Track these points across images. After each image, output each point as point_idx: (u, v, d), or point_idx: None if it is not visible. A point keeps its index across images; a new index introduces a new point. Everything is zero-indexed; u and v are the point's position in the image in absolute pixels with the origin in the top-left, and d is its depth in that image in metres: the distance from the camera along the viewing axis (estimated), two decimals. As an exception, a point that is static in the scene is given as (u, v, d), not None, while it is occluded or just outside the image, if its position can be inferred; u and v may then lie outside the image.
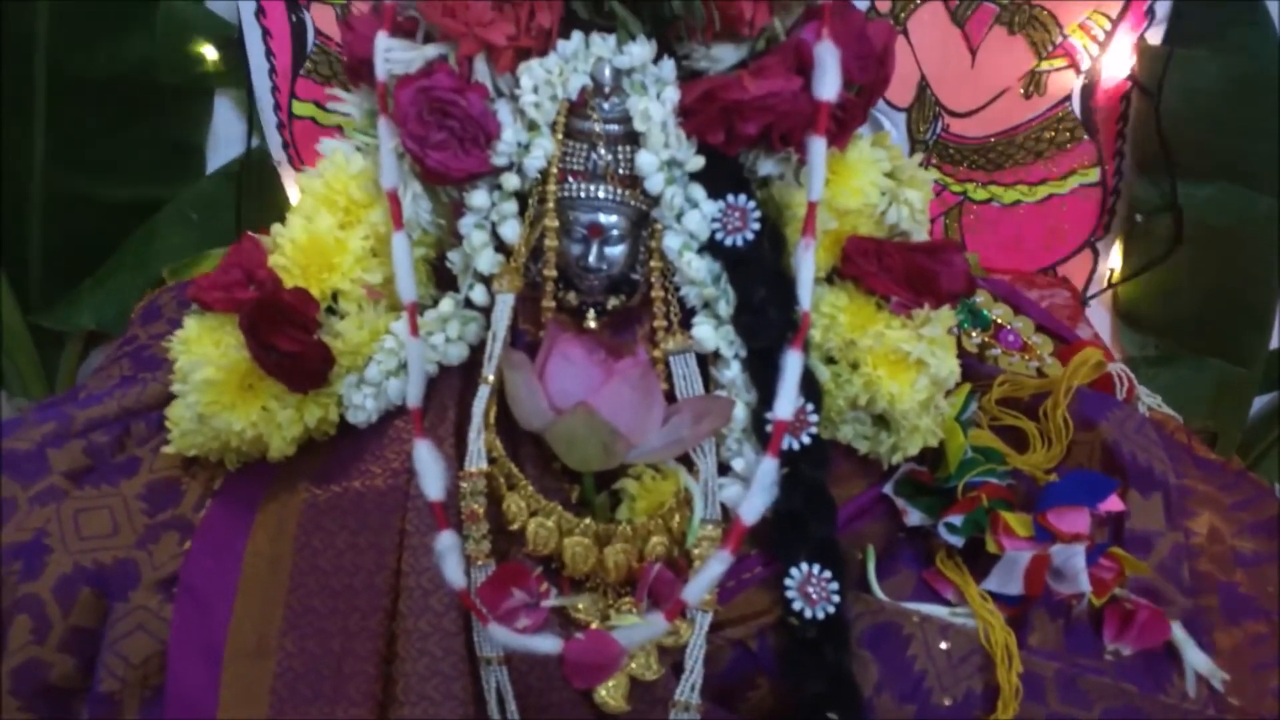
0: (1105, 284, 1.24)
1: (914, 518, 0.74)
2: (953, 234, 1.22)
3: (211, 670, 0.70)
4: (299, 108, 1.21)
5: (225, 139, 1.31)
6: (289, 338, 0.70)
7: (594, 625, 0.68)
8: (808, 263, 0.70)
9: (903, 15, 1.18)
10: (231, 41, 1.21)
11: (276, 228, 0.77)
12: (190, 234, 1.29)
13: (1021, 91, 1.22)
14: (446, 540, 0.65)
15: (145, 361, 0.95)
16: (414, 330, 0.71)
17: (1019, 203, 1.23)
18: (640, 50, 0.71)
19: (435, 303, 0.75)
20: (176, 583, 0.72)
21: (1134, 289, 1.24)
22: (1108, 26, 1.18)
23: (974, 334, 0.91)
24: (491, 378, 0.71)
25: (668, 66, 0.72)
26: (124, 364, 0.96)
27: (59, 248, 1.33)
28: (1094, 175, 1.23)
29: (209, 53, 1.22)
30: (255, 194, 1.28)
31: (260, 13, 1.17)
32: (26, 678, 0.72)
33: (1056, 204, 1.23)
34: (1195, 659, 0.67)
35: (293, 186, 1.25)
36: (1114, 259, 1.24)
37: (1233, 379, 1.23)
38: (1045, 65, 1.21)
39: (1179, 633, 0.68)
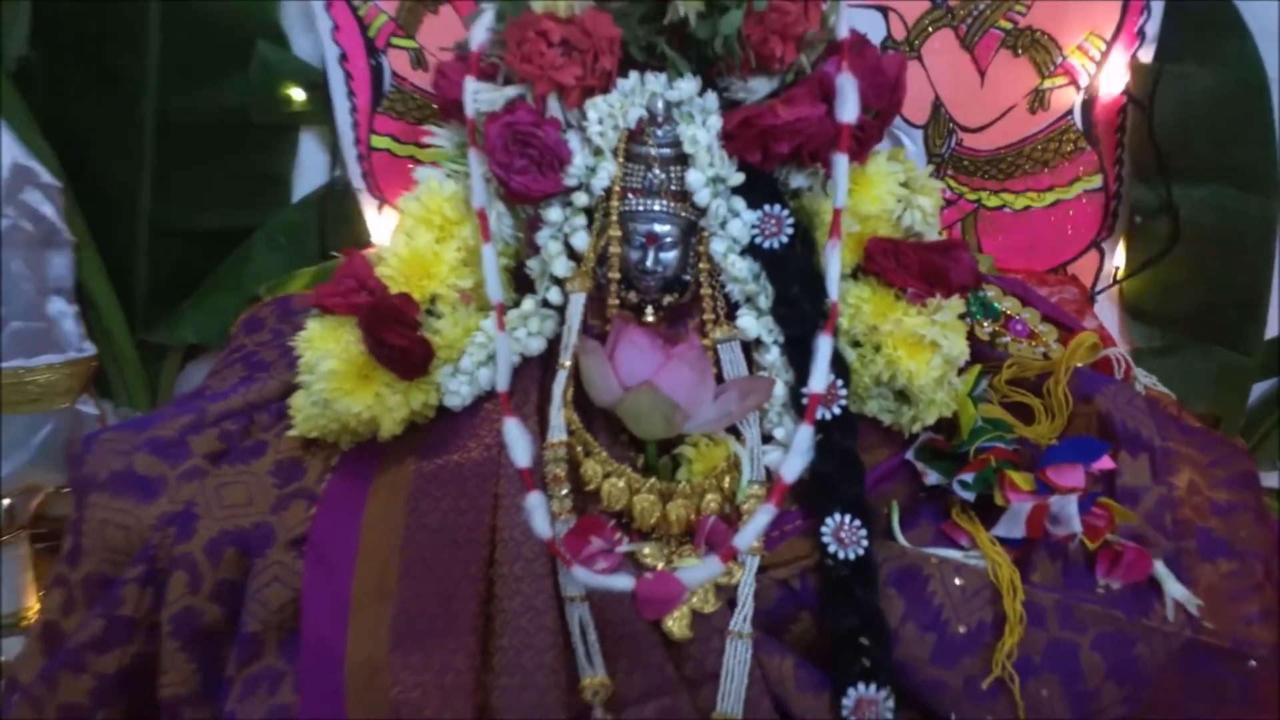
0: (1111, 280, 1.34)
1: (932, 478, 0.85)
2: (969, 238, 1.32)
3: (339, 613, 0.82)
4: (376, 141, 1.34)
5: (309, 170, 1.43)
6: (397, 334, 0.83)
7: (660, 568, 0.80)
8: (835, 261, 0.83)
9: (917, 42, 1.28)
10: (317, 84, 1.33)
11: (381, 244, 0.91)
12: (279, 257, 1.41)
13: (1027, 108, 1.31)
14: (534, 500, 0.78)
15: (256, 365, 1.09)
16: (501, 326, 0.85)
17: (1029, 208, 1.33)
18: (688, 85, 0.84)
19: (517, 303, 0.89)
20: (306, 542, 0.85)
21: (1137, 285, 1.33)
22: (1103, 47, 1.28)
23: (986, 324, 1.02)
24: (568, 363, 0.84)
25: (711, 98, 0.85)
26: (238, 367, 1.10)
27: (161, 271, 1.45)
28: (1097, 181, 1.32)
29: (297, 94, 1.34)
30: (337, 219, 1.41)
31: (343, 58, 1.29)
32: (183, 623, 0.85)
33: (1063, 208, 1.33)
34: (1174, 590, 0.78)
35: (370, 211, 1.38)
36: (1118, 257, 1.34)
37: (1233, 366, 1.32)
38: (1048, 83, 1.30)
39: (1160, 569, 0.79)
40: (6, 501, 1.33)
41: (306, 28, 1.33)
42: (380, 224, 1.39)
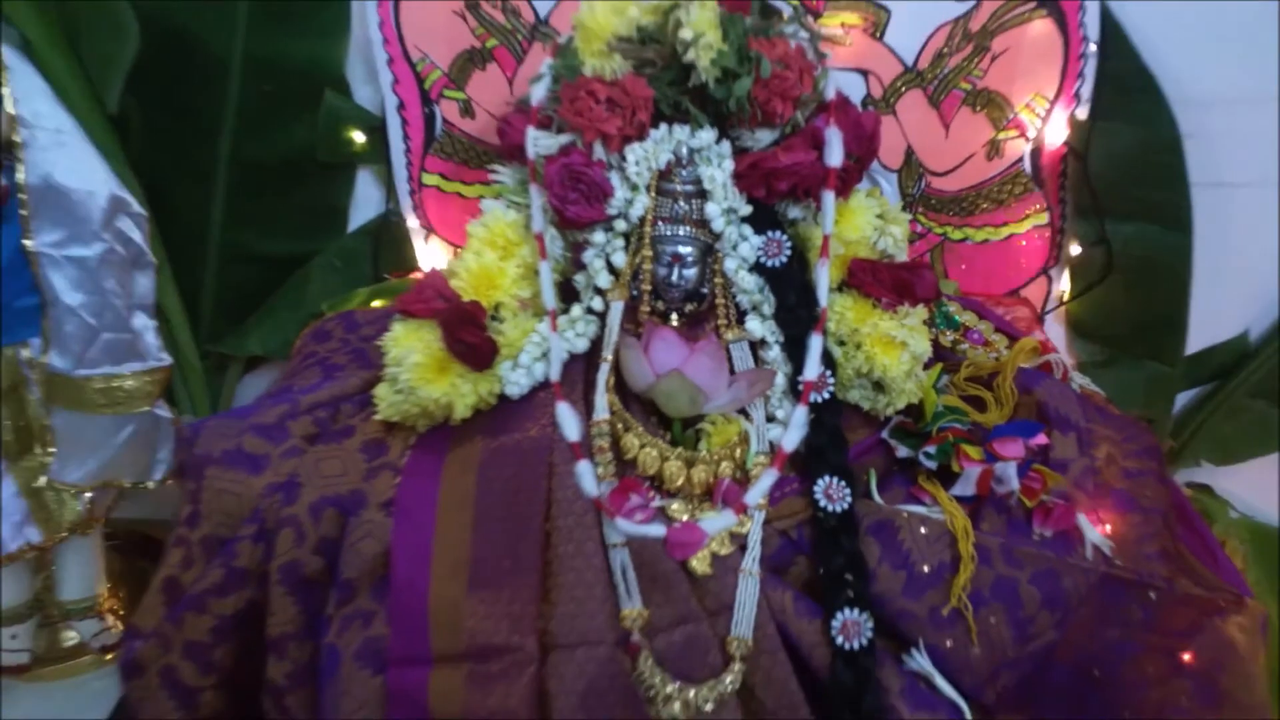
0: (1058, 303, 1.52)
1: (902, 452, 1.04)
2: (937, 266, 1.50)
3: (422, 562, 0.98)
4: (426, 178, 1.51)
5: (364, 203, 1.60)
6: (470, 334, 1.01)
7: (685, 519, 0.98)
8: (824, 276, 1.03)
9: (892, 100, 1.44)
10: (375, 128, 1.50)
11: (452, 261, 1.09)
12: (336, 279, 1.57)
13: (985, 156, 1.46)
14: (583, 467, 0.96)
15: (331, 367, 1.26)
16: (554, 328, 1.04)
17: (987, 240, 1.50)
18: (707, 135, 1.04)
19: (566, 310, 1.07)
20: (393, 504, 1.01)
21: (1079, 307, 1.51)
22: (1046, 106, 1.43)
23: (948, 334, 1.21)
24: (610, 357, 1.03)
25: (725, 146, 1.05)
26: (315, 370, 1.26)
27: (227, 292, 1.61)
28: (1044, 218, 1.49)
29: (358, 137, 1.51)
30: (389, 246, 1.58)
31: (401, 106, 1.47)
32: (290, 573, 1.00)
33: (1016, 241, 1.50)
34: (1093, 536, 0.97)
35: (419, 240, 1.55)
36: (1064, 283, 1.52)
37: (1160, 377, 1.50)
38: (1002, 135, 1.45)
39: (1082, 520, 0.98)
40: (88, 495, 1.47)
41: (368, 79, 1.50)
42: (426, 251, 1.56)
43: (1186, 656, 0.99)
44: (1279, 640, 1.35)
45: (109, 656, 1.55)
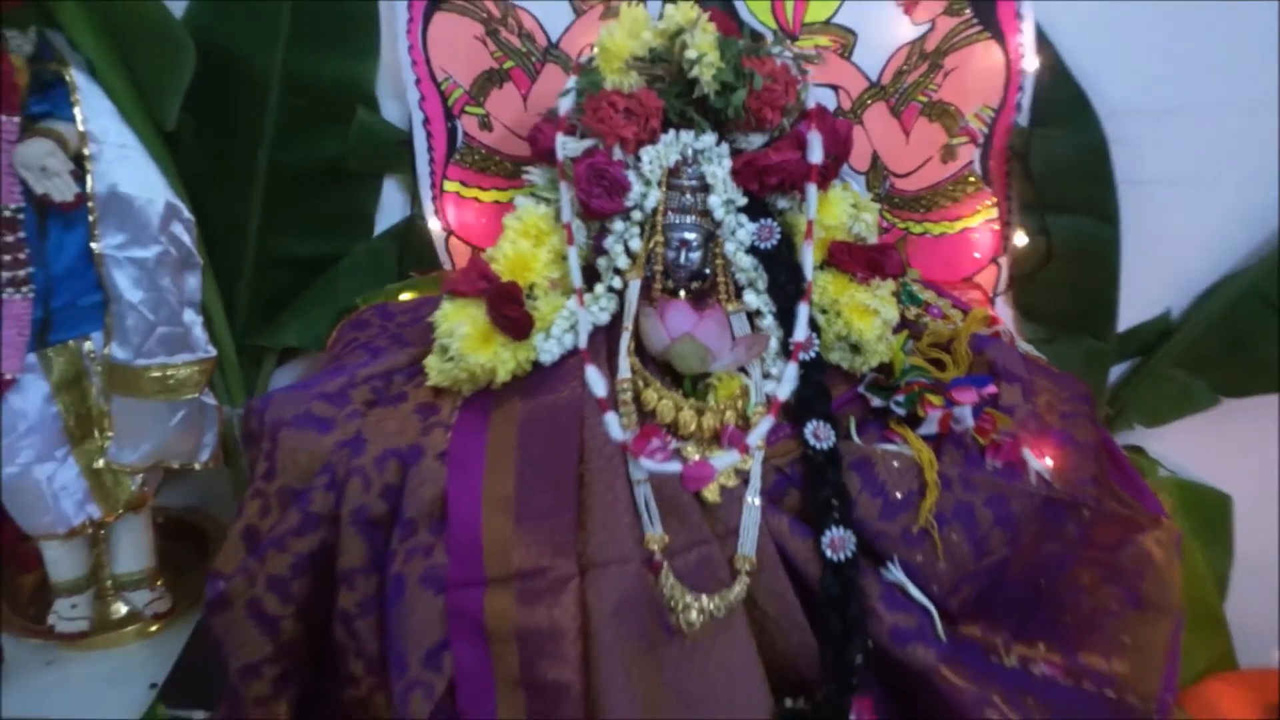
0: (1006, 287, 1.68)
1: (876, 402, 1.21)
2: (902, 255, 1.66)
3: (474, 502, 1.12)
4: (448, 185, 1.66)
5: (388, 208, 1.75)
6: (511, 309, 1.18)
7: (697, 458, 1.14)
8: (808, 256, 1.21)
9: (859, 111, 1.59)
10: (402, 141, 1.65)
11: (490, 250, 1.27)
12: (363, 278, 1.71)
13: (940, 159, 1.60)
14: (610, 417, 1.12)
15: (375, 349, 1.38)
16: (581, 304, 1.21)
17: (944, 234, 1.64)
18: (708, 138, 1.23)
19: (590, 289, 1.24)
20: (447, 455, 1.15)
21: (1024, 291, 1.68)
22: (992, 115, 1.57)
23: (912, 309, 1.38)
24: (630, 326, 1.20)
25: (724, 147, 1.23)
26: (360, 352, 1.39)
27: (261, 290, 1.75)
28: (993, 213, 1.63)
29: (385, 149, 1.66)
30: (412, 248, 1.72)
31: (426, 121, 1.61)
32: (359, 516, 1.13)
33: (969, 234, 1.64)
34: (1035, 465, 1.15)
35: (440, 245, 1.70)
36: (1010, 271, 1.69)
37: (1096, 351, 1.67)
38: (954, 141, 1.59)
39: (1026, 452, 1.16)
40: (140, 477, 1.62)
41: (395, 96, 1.64)
42: (447, 251, 1.70)
43: (1115, 569, 1.18)
44: (1205, 566, 1.56)
45: (152, 629, 1.69)
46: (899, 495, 1.14)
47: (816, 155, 1.20)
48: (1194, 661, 1.70)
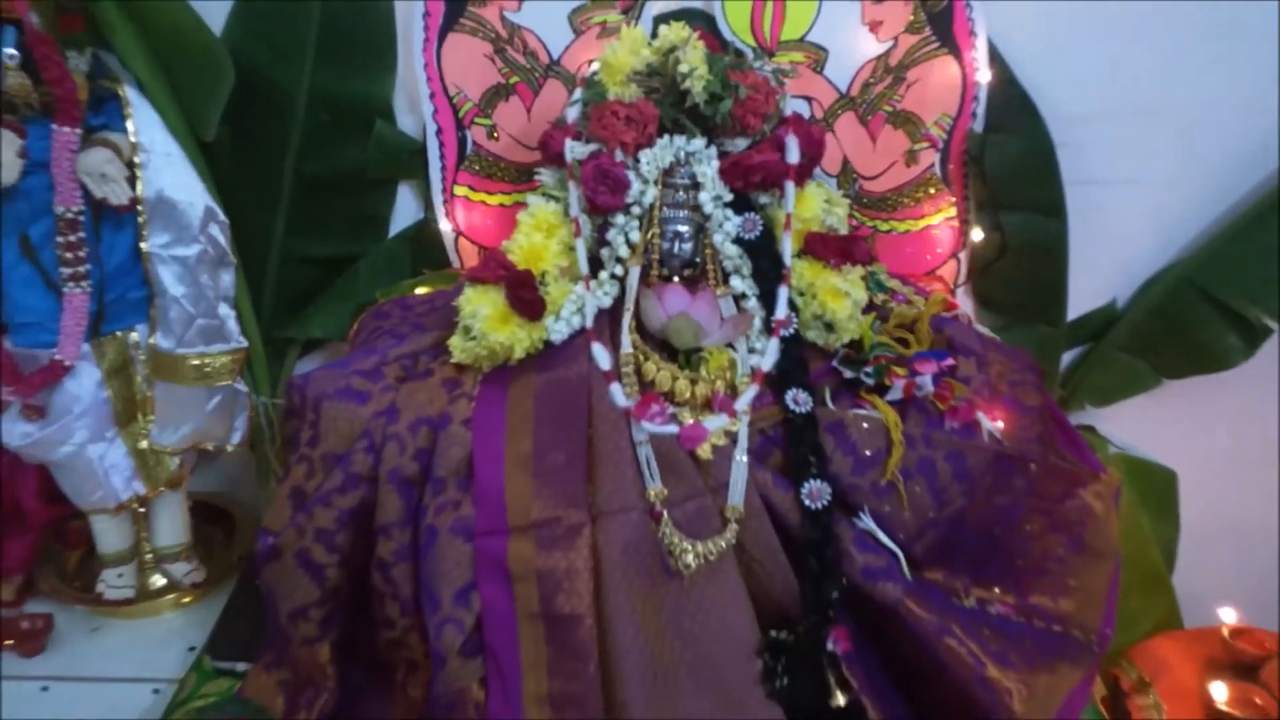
0: (965, 280, 1.83)
1: (848, 374, 1.35)
2: (871, 252, 1.84)
3: (497, 463, 1.26)
4: (458, 190, 1.80)
5: (403, 212, 1.89)
6: (527, 293, 1.33)
7: (692, 421, 1.29)
8: (787, 245, 1.36)
9: (830, 120, 1.73)
10: (416, 150, 1.79)
11: (507, 242, 1.42)
12: (380, 276, 1.85)
13: (904, 163, 1.73)
14: (615, 387, 1.27)
15: (399, 335, 1.51)
16: (587, 288, 1.36)
17: (909, 231, 1.78)
18: (698, 142, 1.38)
19: (595, 275, 1.39)
20: (472, 421, 1.27)
21: (982, 283, 1.83)
22: (950, 122, 1.70)
23: (879, 295, 1.53)
24: (631, 308, 1.34)
25: (712, 149, 1.37)
26: (385, 338, 1.52)
27: (285, 288, 1.89)
28: (953, 212, 1.76)
29: (402, 158, 1.82)
30: (425, 248, 1.86)
31: (439, 132, 1.76)
32: (395, 475, 1.26)
33: (931, 231, 1.77)
34: (987, 425, 1.30)
35: (451, 245, 1.84)
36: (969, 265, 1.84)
37: (1049, 337, 1.81)
38: (916, 147, 1.72)
39: (980, 415, 1.31)
40: (178, 458, 1.76)
41: (410, 110, 1.79)
42: (457, 251, 1.85)
43: (1060, 518, 1.34)
44: (1152, 536, 1.72)
45: (186, 600, 1.83)
46: (868, 453, 1.27)
47: (794, 156, 1.36)
48: (1143, 622, 1.86)
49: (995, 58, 1.69)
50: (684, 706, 1.18)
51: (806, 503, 1.25)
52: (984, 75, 1.69)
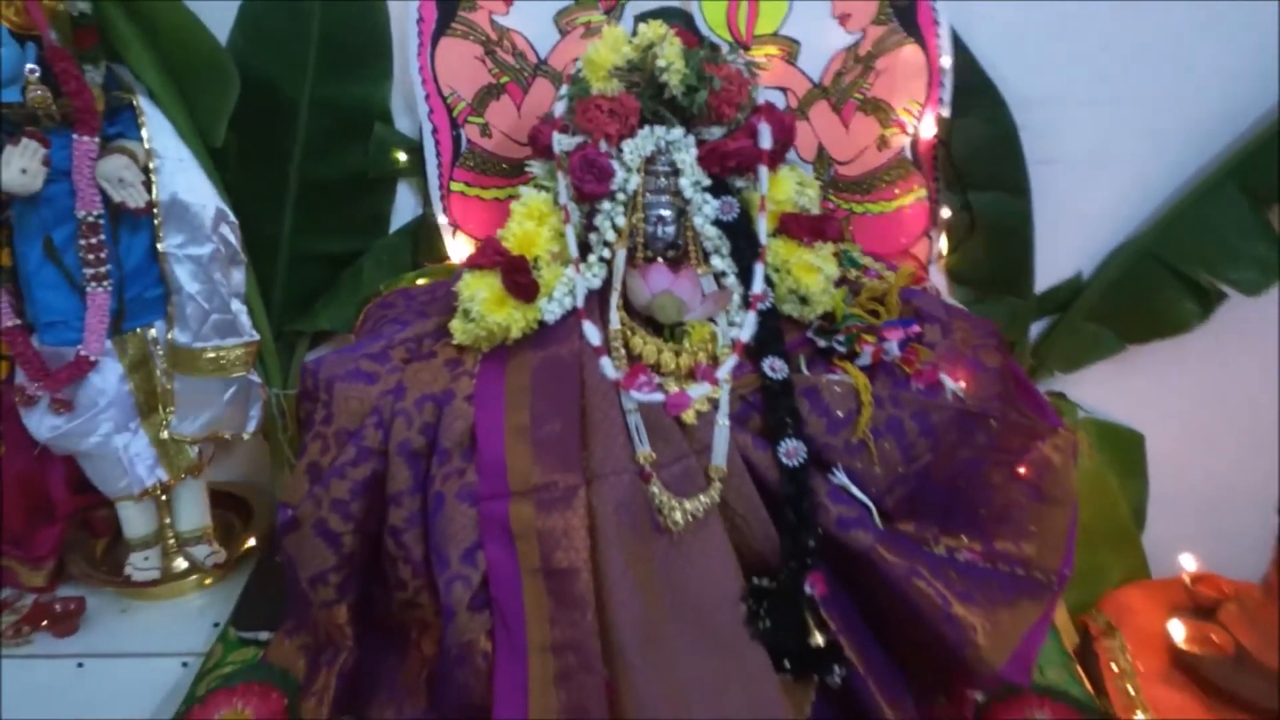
0: (937, 257, 1.92)
1: (822, 344, 1.45)
2: (846, 233, 1.91)
3: (498, 433, 1.36)
4: (454, 186, 1.89)
5: (402, 208, 1.98)
6: (522, 276, 1.43)
7: (677, 389, 1.37)
8: (762, 225, 1.46)
9: (805, 109, 1.79)
10: (414, 149, 1.88)
11: (501, 230, 1.52)
12: (382, 270, 1.93)
13: (876, 148, 1.79)
14: (605, 361, 1.37)
15: (403, 321, 1.60)
16: (577, 271, 1.47)
17: (882, 212, 1.84)
18: (677, 131, 1.47)
19: (584, 259, 1.49)
20: (474, 396, 1.37)
21: (954, 259, 1.92)
22: (919, 108, 1.77)
23: (852, 271, 1.63)
24: (619, 287, 1.45)
25: (690, 138, 1.47)
26: (391, 325, 1.62)
27: (294, 285, 1.98)
28: (924, 193, 1.82)
29: (401, 157, 1.89)
30: (424, 242, 1.95)
31: (435, 131, 1.85)
32: (403, 447, 1.35)
33: (903, 212, 1.84)
34: (950, 385, 1.39)
35: (449, 238, 1.93)
36: (941, 243, 1.91)
37: (1018, 309, 1.90)
38: (887, 132, 1.79)
39: (944, 376, 1.41)
40: (197, 447, 1.87)
41: (408, 111, 1.87)
42: (454, 244, 1.94)
43: (1021, 469, 1.43)
44: (1121, 495, 1.82)
45: (208, 581, 1.93)
46: (841, 414, 1.36)
47: (766, 142, 1.46)
48: (1112, 576, 1.97)
49: (958, 46, 1.76)
50: (674, 649, 1.29)
51: (784, 461, 1.35)
52: (948, 62, 1.76)
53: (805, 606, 1.31)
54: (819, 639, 1.31)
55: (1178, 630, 1.65)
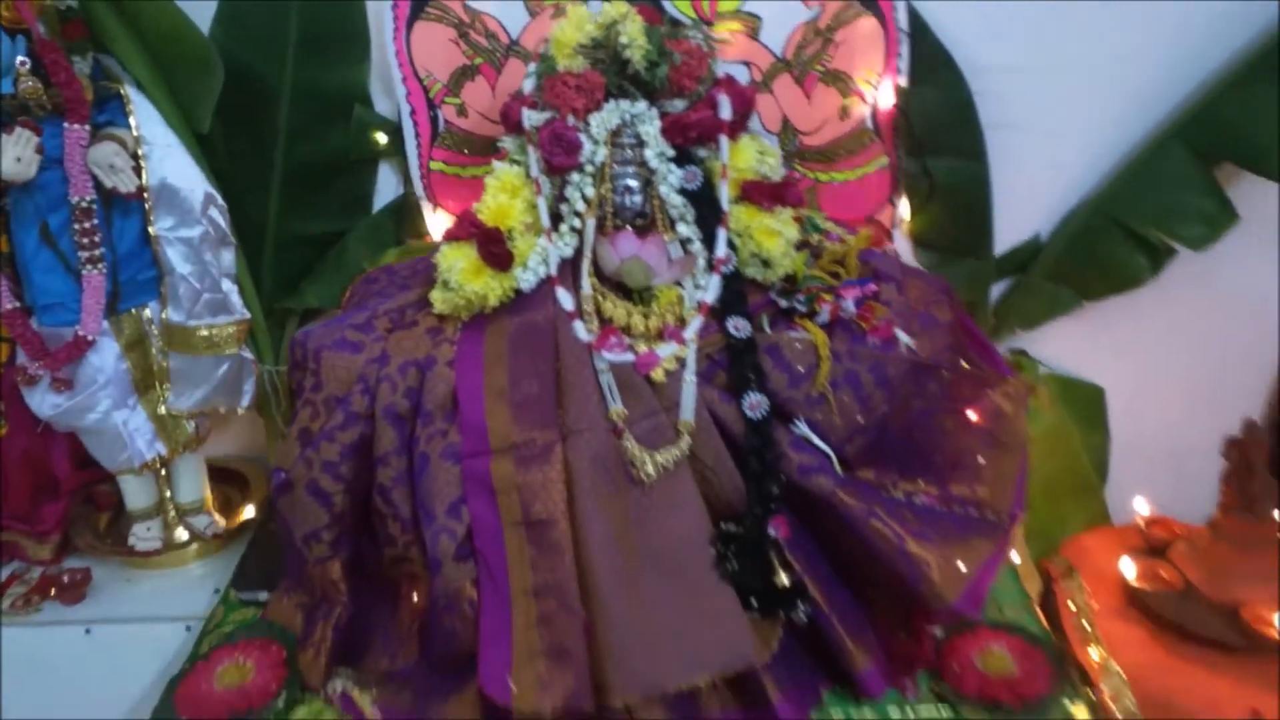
0: (900, 223, 2.01)
1: (783, 304, 1.54)
2: (812, 203, 1.96)
3: (478, 396, 1.43)
4: (433, 165, 1.96)
5: (384, 188, 2.05)
6: (497, 247, 1.50)
7: (646, 349, 1.44)
8: (724, 192, 1.52)
9: (769, 82, 1.87)
10: (393, 131, 1.95)
11: (476, 204, 1.60)
12: (366, 248, 2.01)
13: (838, 117, 1.87)
14: (578, 324, 1.45)
15: (387, 294, 1.68)
16: (549, 240, 1.54)
17: (847, 181, 1.92)
18: (641, 104, 1.54)
19: (556, 228, 1.56)
20: (455, 361, 1.45)
21: (916, 224, 2.00)
22: (877, 78, 1.84)
23: (815, 236, 1.72)
24: (589, 255, 1.52)
25: (654, 111, 1.53)
26: (375, 298, 1.70)
27: (282, 264, 2.06)
28: (885, 161, 1.90)
29: (381, 138, 1.96)
30: (406, 222, 2.03)
31: (413, 112, 1.92)
32: (389, 411, 1.42)
33: (867, 179, 1.92)
34: (904, 339, 1.47)
35: (430, 216, 2.01)
36: (903, 208, 2.00)
37: (978, 271, 1.99)
38: (848, 103, 1.86)
39: (898, 331, 1.49)
40: (194, 422, 1.95)
41: (387, 94, 1.95)
42: (435, 221, 2.03)
43: (973, 416, 1.52)
44: (1083, 447, 1.90)
45: (209, 549, 2.01)
46: (801, 369, 1.44)
47: (726, 113, 1.53)
48: (1075, 525, 2.06)
49: (914, 18, 1.84)
50: (648, 590, 1.37)
51: (748, 414, 1.42)
52: (905, 34, 1.83)
53: (770, 549, 1.39)
54: (784, 579, 1.39)
55: (1129, 568, 1.74)
